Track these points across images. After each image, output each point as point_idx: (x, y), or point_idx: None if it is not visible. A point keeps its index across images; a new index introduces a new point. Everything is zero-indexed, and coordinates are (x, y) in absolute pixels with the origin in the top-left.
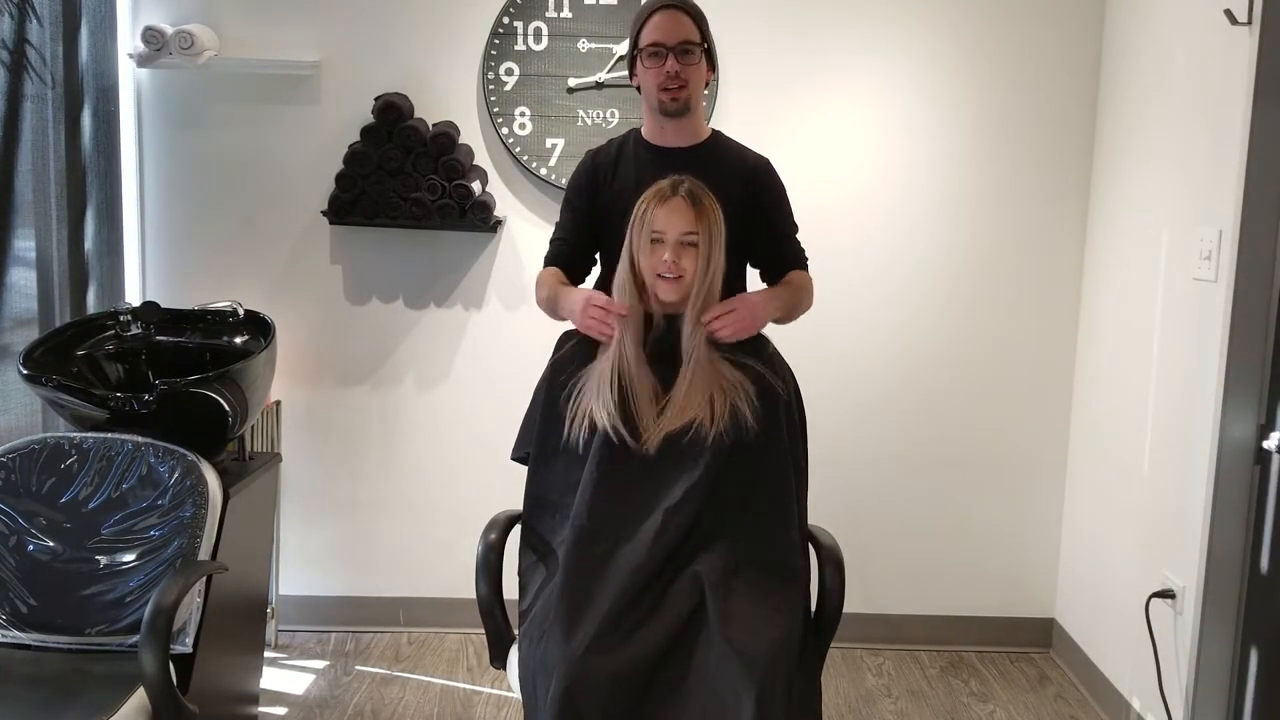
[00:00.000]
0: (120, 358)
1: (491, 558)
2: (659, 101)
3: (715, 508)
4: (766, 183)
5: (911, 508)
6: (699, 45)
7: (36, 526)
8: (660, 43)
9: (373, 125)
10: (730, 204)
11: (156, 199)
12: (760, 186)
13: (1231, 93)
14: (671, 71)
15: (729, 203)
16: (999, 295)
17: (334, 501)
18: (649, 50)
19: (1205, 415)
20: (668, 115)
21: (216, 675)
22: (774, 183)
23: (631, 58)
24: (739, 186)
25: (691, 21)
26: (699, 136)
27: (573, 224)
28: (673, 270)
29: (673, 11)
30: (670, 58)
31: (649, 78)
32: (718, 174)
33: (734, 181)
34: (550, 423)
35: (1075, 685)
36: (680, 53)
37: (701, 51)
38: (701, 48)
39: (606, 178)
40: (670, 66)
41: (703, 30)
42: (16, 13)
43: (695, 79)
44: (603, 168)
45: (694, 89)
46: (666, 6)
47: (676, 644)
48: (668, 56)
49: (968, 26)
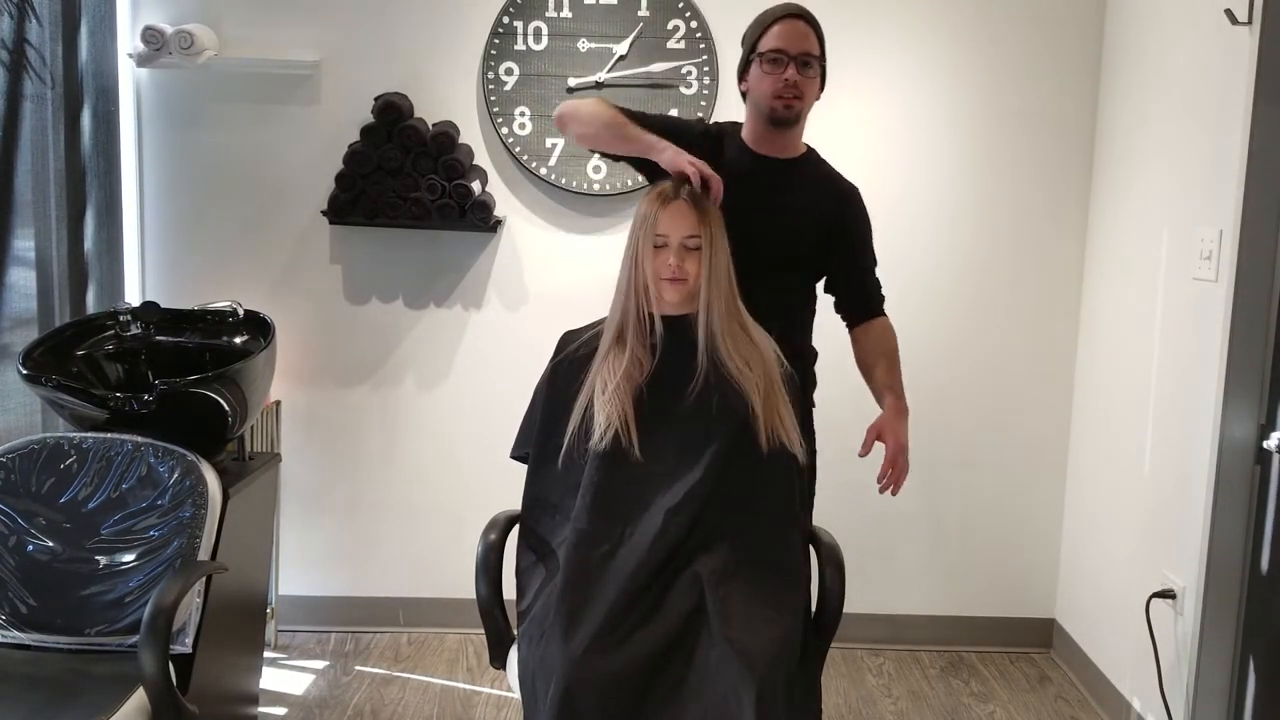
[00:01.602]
0: (120, 358)
1: (491, 558)
2: (771, 109)
3: (716, 508)
4: (855, 211)
5: (912, 508)
6: (818, 59)
7: (36, 526)
8: (783, 50)
9: (373, 125)
10: (816, 223)
11: (156, 199)
12: (849, 215)
13: (1231, 93)
14: (791, 80)
15: (815, 221)
16: (999, 295)
17: (334, 501)
18: (769, 55)
19: (1205, 415)
20: (777, 124)
21: (216, 675)
22: (862, 212)
23: (745, 62)
24: (830, 204)
25: (814, 34)
26: (797, 151)
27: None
28: (677, 273)
29: (798, 21)
30: (791, 66)
31: (765, 83)
32: (812, 191)
33: (825, 200)
34: (551, 424)
35: (1075, 685)
36: (800, 63)
37: (819, 66)
38: (820, 63)
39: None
40: (790, 75)
41: (822, 46)
42: (16, 13)
43: (809, 92)
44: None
45: (807, 101)
46: (792, 15)
47: (676, 644)
48: (788, 65)
49: (968, 27)
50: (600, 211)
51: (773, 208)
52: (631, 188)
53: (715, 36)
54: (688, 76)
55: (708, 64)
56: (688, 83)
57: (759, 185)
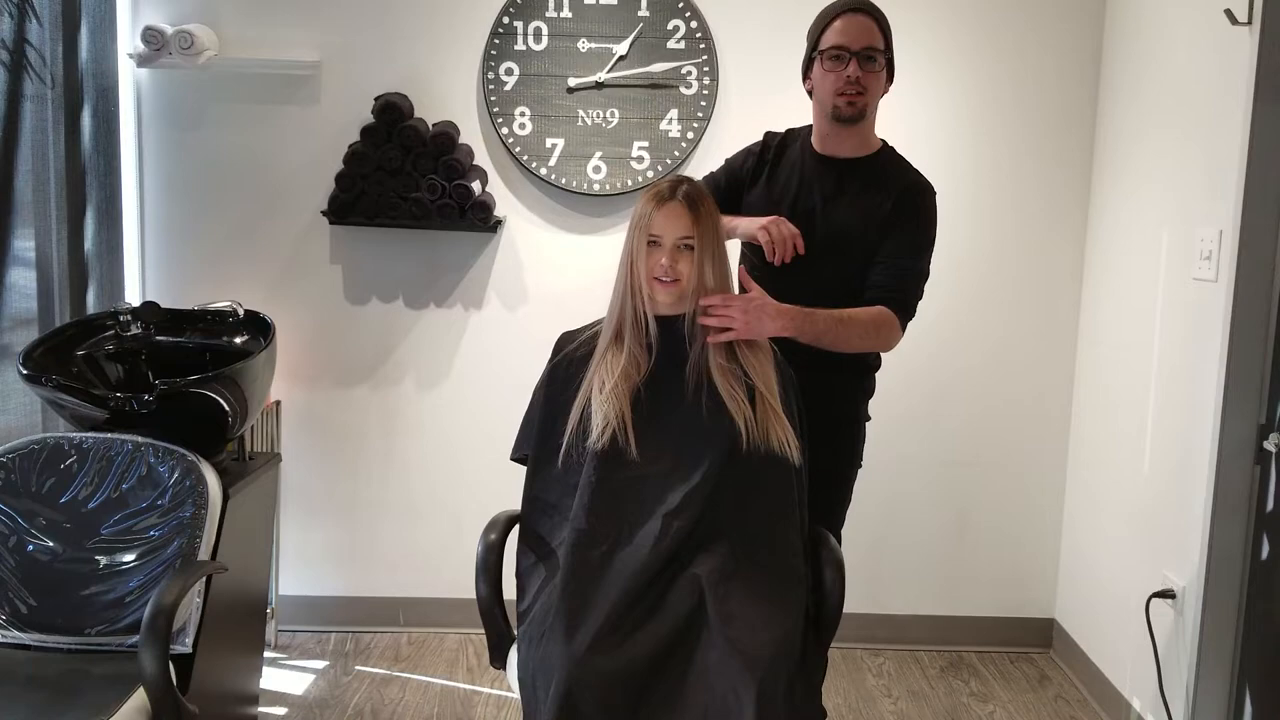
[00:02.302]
0: (120, 358)
1: (491, 558)
2: (833, 106)
3: (715, 510)
4: (911, 205)
5: (912, 507)
6: (882, 53)
7: (36, 526)
8: (844, 46)
9: (373, 125)
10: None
11: (156, 199)
12: (904, 207)
13: (1231, 93)
14: (853, 76)
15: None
16: (999, 295)
17: (334, 501)
18: (830, 53)
19: (1205, 415)
20: (840, 121)
21: (216, 675)
22: (923, 207)
23: (809, 60)
24: (888, 203)
25: (877, 27)
26: (867, 148)
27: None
28: (669, 274)
29: (859, 15)
30: (853, 62)
31: (827, 81)
32: (876, 188)
33: (886, 199)
34: (549, 424)
35: (1075, 685)
36: (863, 59)
37: (884, 60)
38: (885, 55)
39: (766, 161)
40: (852, 71)
41: (887, 38)
42: (16, 13)
43: (874, 87)
44: (768, 149)
45: (871, 97)
46: (853, 10)
47: (677, 644)
48: (850, 61)
49: (967, 27)
50: (600, 211)
51: (828, 212)
52: (631, 188)
53: (715, 36)
54: (688, 76)
55: (708, 64)
56: (688, 83)
57: (817, 189)
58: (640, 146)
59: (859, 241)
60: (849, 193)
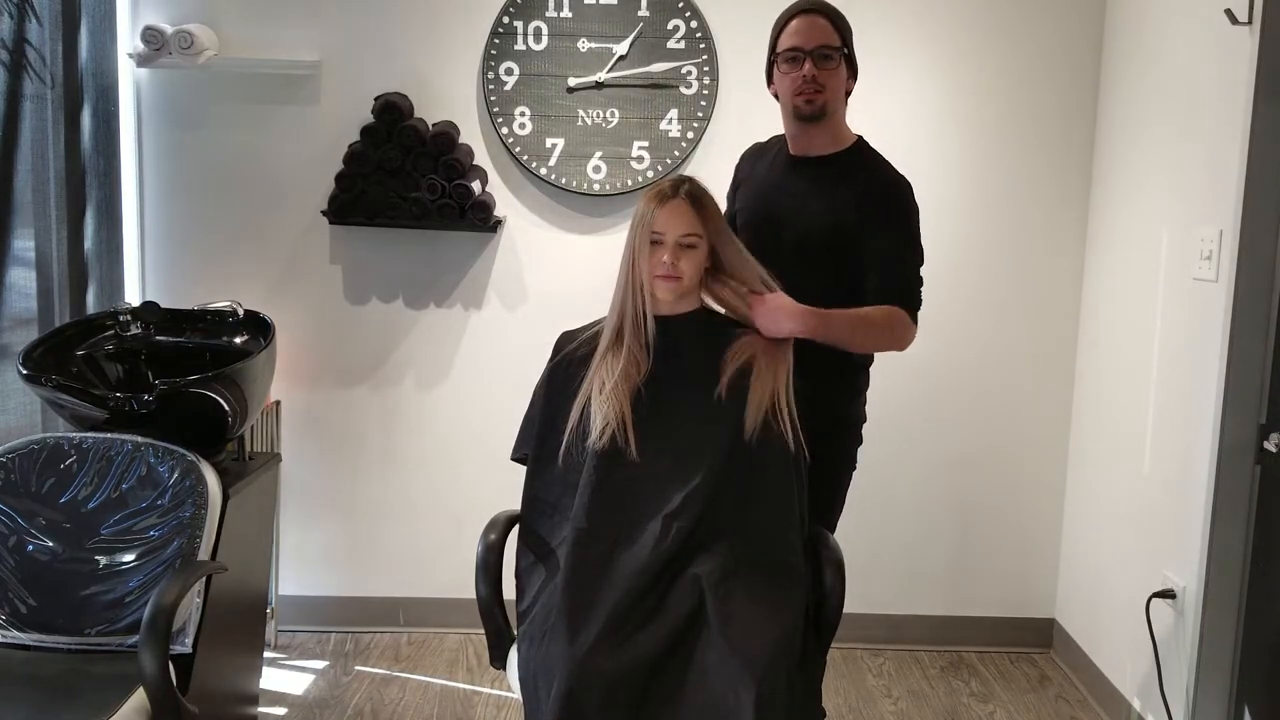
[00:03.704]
0: (120, 358)
1: (491, 558)
2: (794, 106)
3: (715, 511)
4: (887, 199)
5: (912, 508)
6: (838, 50)
7: (36, 526)
8: (798, 47)
9: (373, 125)
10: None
11: (156, 199)
12: (880, 202)
13: (1231, 93)
14: (809, 75)
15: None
16: (999, 295)
17: (334, 501)
18: (786, 54)
19: (1205, 415)
20: (802, 120)
21: (216, 675)
22: (895, 201)
23: (770, 64)
24: (860, 198)
25: (831, 25)
26: (839, 144)
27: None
28: (671, 271)
29: (812, 16)
30: (807, 62)
31: (786, 83)
32: (847, 183)
33: (856, 193)
34: (549, 424)
35: (1076, 685)
36: (818, 57)
37: (841, 56)
38: (841, 52)
39: (747, 166)
40: (808, 71)
41: (843, 35)
42: (16, 12)
43: (833, 84)
44: (746, 159)
45: (831, 94)
46: (805, 11)
47: (677, 645)
48: (805, 61)
49: (968, 27)
50: (600, 211)
51: (795, 214)
52: (631, 188)
53: (715, 36)
54: (688, 76)
55: (708, 64)
56: (688, 83)
57: (785, 192)
58: (640, 146)
59: (828, 240)
60: (820, 192)
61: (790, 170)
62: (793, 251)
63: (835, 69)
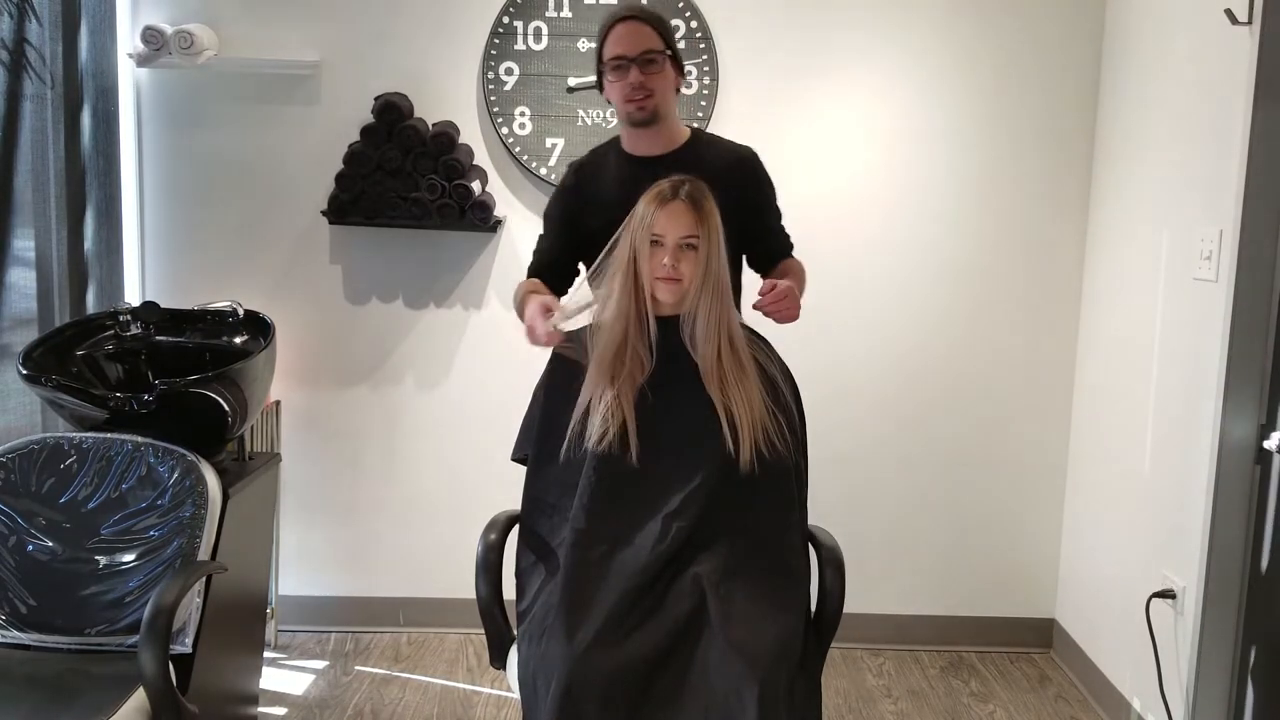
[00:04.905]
0: (120, 358)
1: (491, 558)
2: (626, 113)
3: (715, 510)
4: (754, 174)
5: (912, 508)
6: (662, 53)
7: (36, 526)
8: (623, 55)
9: (372, 125)
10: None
11: (156, 199)
12: (747, 178)
13: (1231, 93)
14: (636, 83)
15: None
16: (1000, 295)
17: (334, 501)
18: (612, 63)
19: (1205, 415)
20: (637, 125)
21: (216, 675)
22: (761, 173)
23: (599, 72)
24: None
25: (652, 30)
26: (676, 142)
27: (553, 242)
28: (672, 273)
29: (632, 23)
30: (634, 69)
31: (615, 90)
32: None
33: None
34: (549, 424)
35: (1075, 685)
36: (643, 63)
37: (666, 58)
38: (665, 54)
39: (588, 190)
40: (634, 78)
41: (665, 37)
42: (16, 12)
43: (662, 87)
44: (585, 181)
45: (661, 97)
46: (626, 18)
47: (678, 643)
48: (630, 68)
49: (968, 28)
50: None
51: None
52: None
53: (715, 36)
54: (688, 76)
55: (708, 64)
56: (688, 83)
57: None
58: None
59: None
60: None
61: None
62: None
63: (661, 71)
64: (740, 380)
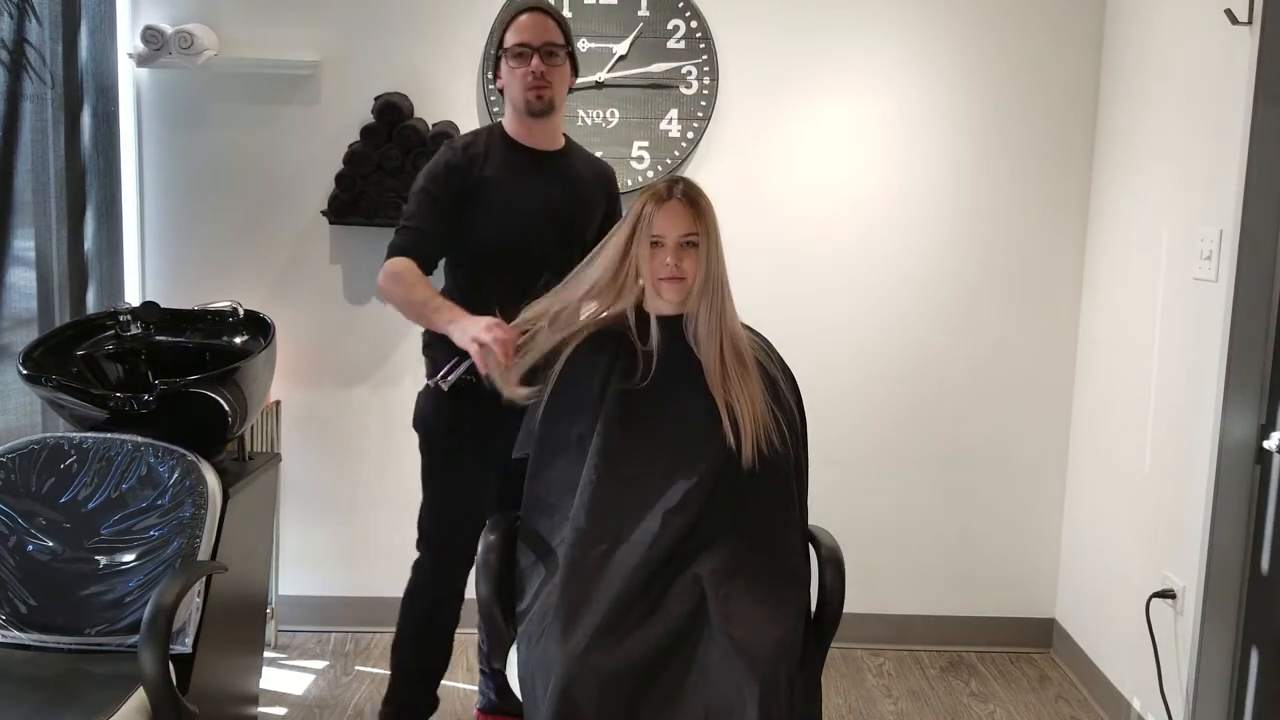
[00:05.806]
0: (120, 358)
1: (491, 558)
2: (525, 101)
3: (715, 509)
4: (615, 189)
5: (912, 508)
6: (563, 48)
7: (36, 526)
8: (526, 43)
9: (372, 125)
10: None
11: (156, 199)
12: (611, 191)
13: (1231, 93)
14: (537, 71)
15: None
16: (999, 295)
17: (334, 501)
18: (514, 50)
19: (1205, 415)
20: (533, 115)
21: (216, 675)
22: (616, 191)
23: (496, 59)
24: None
25: (556, 25)
26: (556, 142)
27: (433, 214)
28: (675, 272)
29: (537, 14)
30: (535, 57)
31: (514, 78)
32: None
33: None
34: (550, 424)
35: (1075, 685)
36: (545, 54)
37: (565, 55)
38: (565, 50)
39: (478, 167)
40: (535, 66)
41: (567, 35)
42: (16, 12)
43: (559, 81)
44: (474, 159)
45: (558, 89)
46: (532, 9)
47: (677, 643)
48: (533, 56)
49: (967, 26)
50: None
51: (548, 196)
52: (631, 188)
53: (715, 36)
54: (688, 76)
55: (708, 64)
56: (688, 83)
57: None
58: (640, 146)
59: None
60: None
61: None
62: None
63: (561, 66)
64: (742, 378)
